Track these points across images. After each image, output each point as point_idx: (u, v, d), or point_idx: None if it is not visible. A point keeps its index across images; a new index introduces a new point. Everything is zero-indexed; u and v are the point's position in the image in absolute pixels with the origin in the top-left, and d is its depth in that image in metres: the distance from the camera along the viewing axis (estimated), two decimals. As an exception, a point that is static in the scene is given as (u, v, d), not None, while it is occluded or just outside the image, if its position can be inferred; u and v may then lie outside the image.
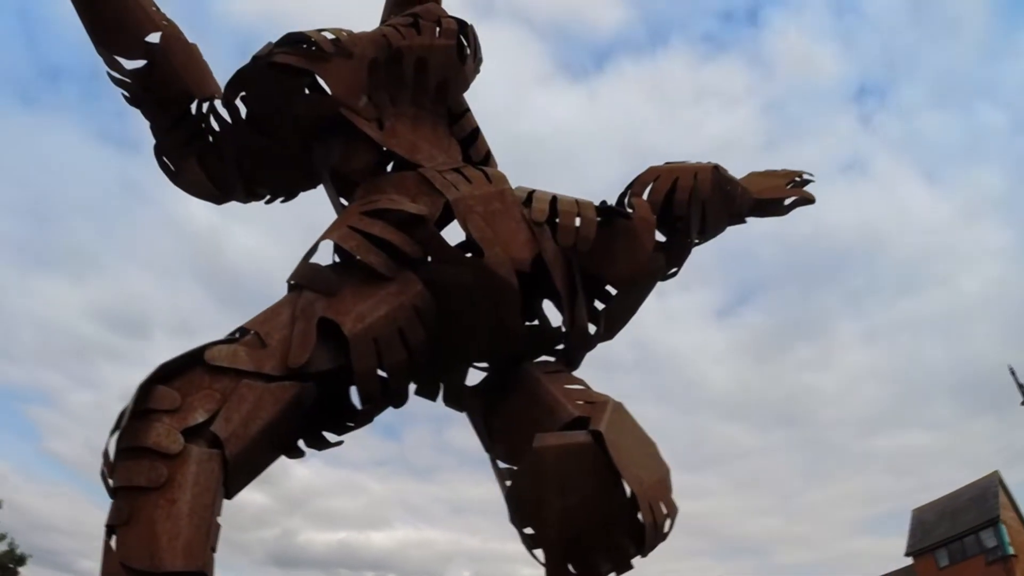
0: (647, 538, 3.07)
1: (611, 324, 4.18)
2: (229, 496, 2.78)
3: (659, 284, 4.39)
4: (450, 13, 4.27)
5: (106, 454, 2.60)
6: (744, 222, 5.05)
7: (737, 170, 4.96)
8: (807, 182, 5.26)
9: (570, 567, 3.23)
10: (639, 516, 3.03)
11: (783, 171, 5.36)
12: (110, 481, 2.55)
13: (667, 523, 3.17)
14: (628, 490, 3.03)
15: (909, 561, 40.24)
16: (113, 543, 2.43)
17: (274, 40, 3.80)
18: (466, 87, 4.40)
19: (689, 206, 4.29)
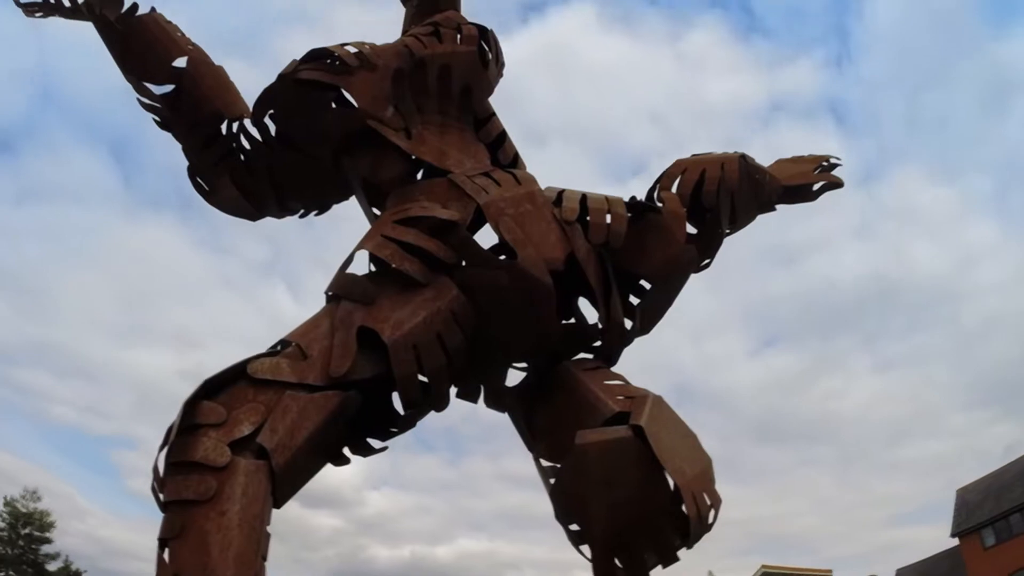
0: (692, 529, 3.03)
1: (647, 319, 4.14)
2: (278, 505, 2.79)
3: (695, 331, 4.33)
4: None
5: (156, 470, 2.62)
6: (774, 209, 4.97)
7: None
8: (835, 166, 5.16)
9: (616, 561, 3.20)
10: (683, 508, 2.99)
11: (810, 156, 5.27)
12: (161, 496, 2.57)
13: (711, 514, 3.13)
14: (671, 482, 3.00)
15: (955, 542, 39.53)
16: (166, 556, 2.45)
17: (298, 57, 3.80)
18: (490, 91, 4.38)
19: (718, 197, 4.22)
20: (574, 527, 3.29)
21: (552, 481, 3.39)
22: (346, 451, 3.33)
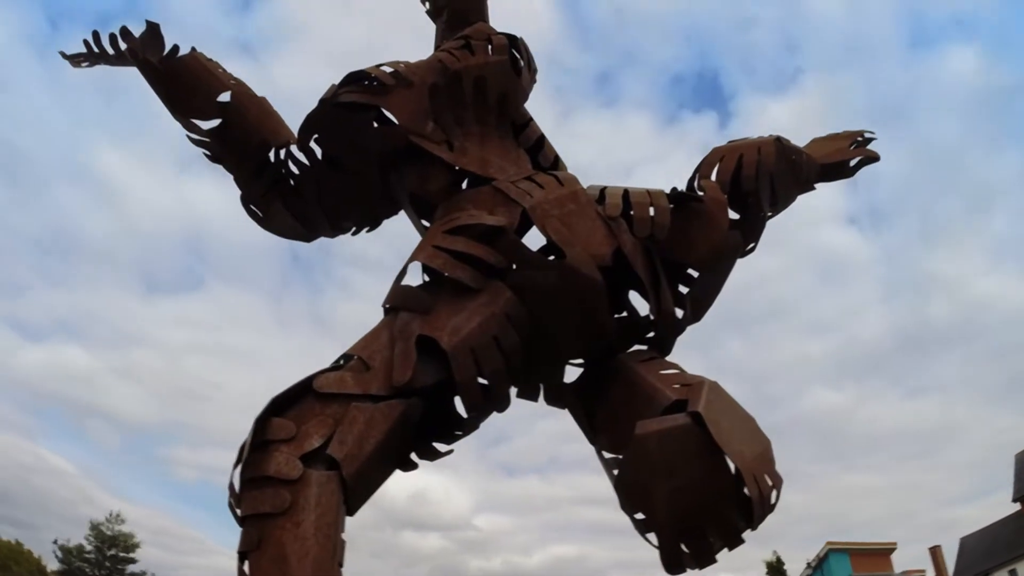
0: (755, 511, 2.99)
1: (697, 306, 4.09)
2: (351, 513, 2.82)
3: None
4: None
5: (232, 486, 2.67)
6: (814, 189, 4.88)
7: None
8: (869, 140, 5.05)
9: (683, 547, 3.16)
10: (745, 490, 2.95)
11: (845, 133, 5.17)
12: (238, 511, 2.62)
13: (773, 494, 3.08)
14: (732, 466, 2.95)
15: (1017, 507, 38.55)
16: (246, 568, 2.50)
17: (336, 82, 3.85)
18: (525, 98, 4.37)
19: (757, 181, 4.15)
20: (639, 516, 3.24)
21: (615, 472, 3.36)
22: (413, 456, 3.34)
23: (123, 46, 4.29)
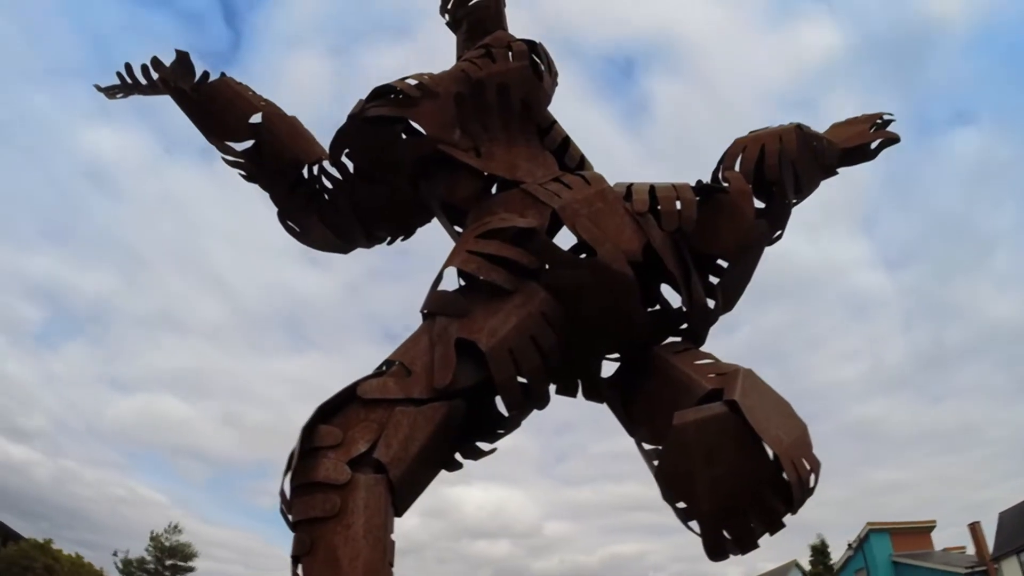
0: (795, 495, 2.97)
1: (728, 296, 4.05)
2: (399, 514, 2.83)
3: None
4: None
5: (283, 493, 2.70)
6: (836, 173, 4.80)
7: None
8: (888, 122, 4.96)
9: (725, 533, 3.14)
10: (784, 475, 2.93)
11: (863, 116, 5.09)
12: (289, 517, 2.64)
13: (812, 478, 3.06)
14: (770, 452, 2.93)
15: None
16: (300, 571, 2.52)
17: (363, 97, 3.87)
18: (548, 101, 4.37)
19: (780, 169, 4.09)
20: (681, 505, 3.23)
21: (655, 463, 3.35)
22: (457, 456, 3.36)
23: (155, 76, 4.37)
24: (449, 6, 5.04)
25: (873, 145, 4.86)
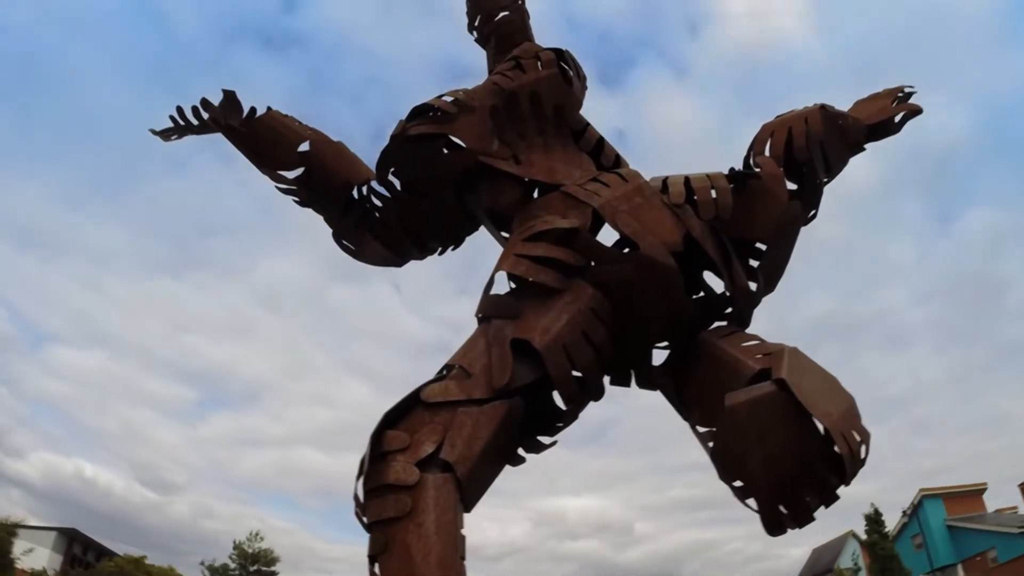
0: (847, 467, 2.91)
1: (769, 277, 4.00)
2: (467, 510, 2.86)
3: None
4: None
5: (356, 497, 2.74)
6: (864, 150, 4.71)
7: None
8: (910, 94, 4.85)
9: (782, 508, 3.10)
10: (836, 448, 2.88)
11: (885, 91, 4.97)
12: (364, 519, 2.68)
13: (863, 449, 3.00)
14: (820, 426, 2.89)
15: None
16: (376, 570, 2.57)
17: (403, 117, 3.92)
18: (580, 105, 4.37)
19: (809, 150, 4.04)
20: (738, 484, 3.19)
21: (710, 445, 3.33)
22: (520, 451, 3.38)
23: (205, 116, 4.44)
24: (476, 24, 5.08)
25: (897, 118, 4.75)
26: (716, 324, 3.80)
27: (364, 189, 4.38)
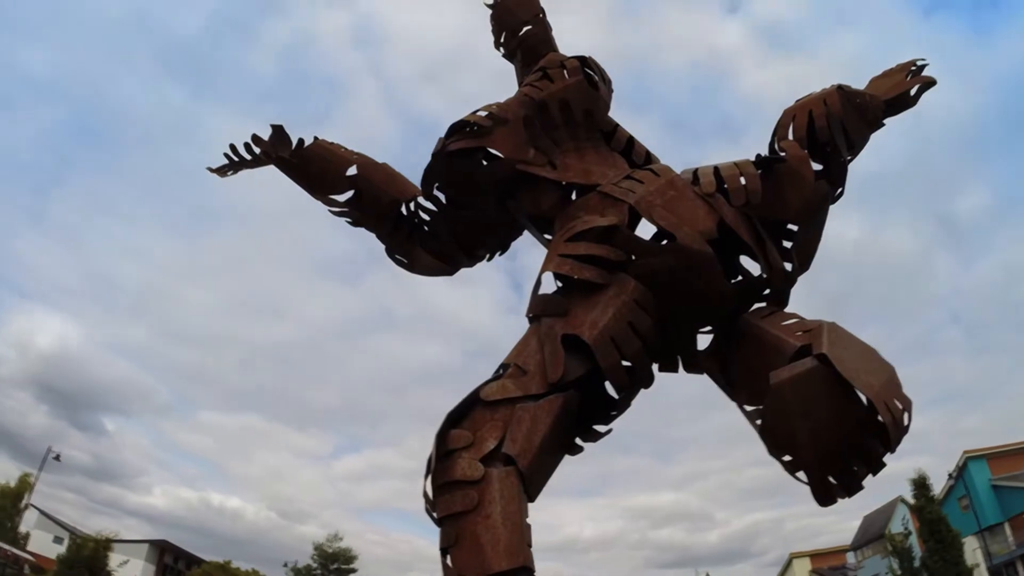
0: (891, 435, 2.86)
1: (803, 256, 3.96)
2: (531, 500, 2.88)
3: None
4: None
5: (425, 494, 2.80)
6: (883, 125, 4.62)
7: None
8: (923, 67, 4.74)
9: (831, 479, 3.07)
10: (879, 418, 2.84)
11: (898, 66, 4.87)
12: (434, 514, 2.74)
13: (905, 416, 2.95)
14: (863, 397, 2.85)
15: None
16: (448, 561, 2.61)
17: (442, 135, 3.97)
18: (607, 108, 4.38)
19: (831, 130, 3.98)
20: (787, 458, 3.17)
21: (758, 423, 3.31)
22: (578, 441, 3.39)
23: (257, 150, 4.53)
24: (502, 40, 5.13)
25: (912, 91, 4.66)
26: (756, 306, 3.77)
27: (412, 205, 4.46)
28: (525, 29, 4.96)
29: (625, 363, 3.24)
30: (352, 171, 4.46)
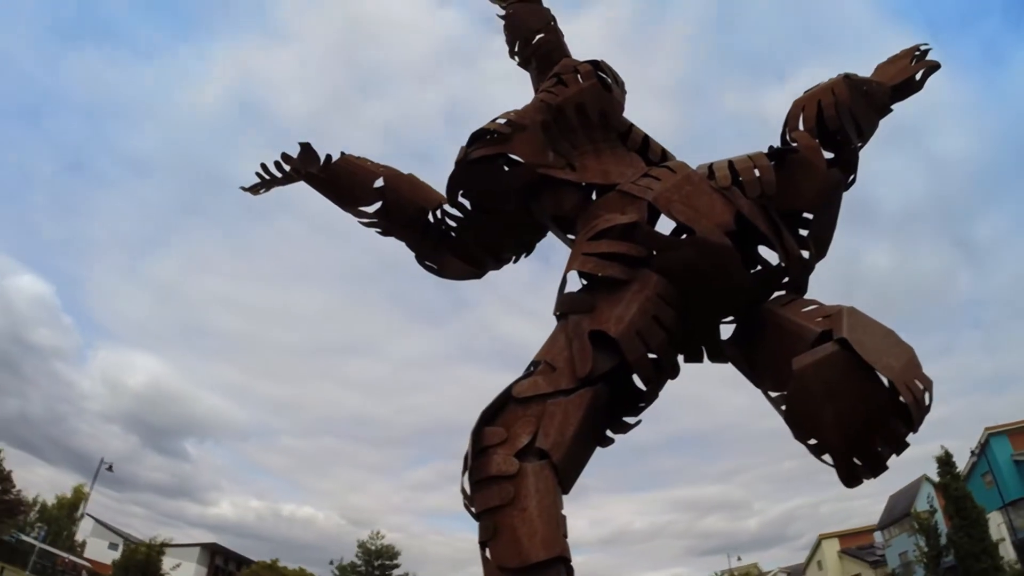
0: (914, 415, 2.85)
1: (819, 243, 3.95)
2: (565, 491, 2.90)
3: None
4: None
5: (464, 490, 2.81)
6: (891, 111, 4.57)
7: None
8: (926, 52, 4.68)
9: (856, 460, 3.05)
10: (901, 398, 2.82)
11: (902, 52, 4.82)
12: (472, 509, 2.75)
13: (926, 396, 2.93)
14: (885, 379, 2.83)
15: None
16: (487, 554, 2.63)
17: (463, 144, 4.01)
18: (622, 109, 4.40)
19: (840, 119, 3.96)
20: (812, 442, 3.15)
21: (783, 408, 3.29)
22: (608, 433, 3.40)
23: (287, 168, 4.58)
24: (516, 49, 5.17)
25: (918, 76, 4.61)
26: (776, 294, 3.76)
27: (438, 213, 4.49)
28: (538, 37, 4.99)
29: (651, 355, 3.25)
30: (379, 183, 4.50)
